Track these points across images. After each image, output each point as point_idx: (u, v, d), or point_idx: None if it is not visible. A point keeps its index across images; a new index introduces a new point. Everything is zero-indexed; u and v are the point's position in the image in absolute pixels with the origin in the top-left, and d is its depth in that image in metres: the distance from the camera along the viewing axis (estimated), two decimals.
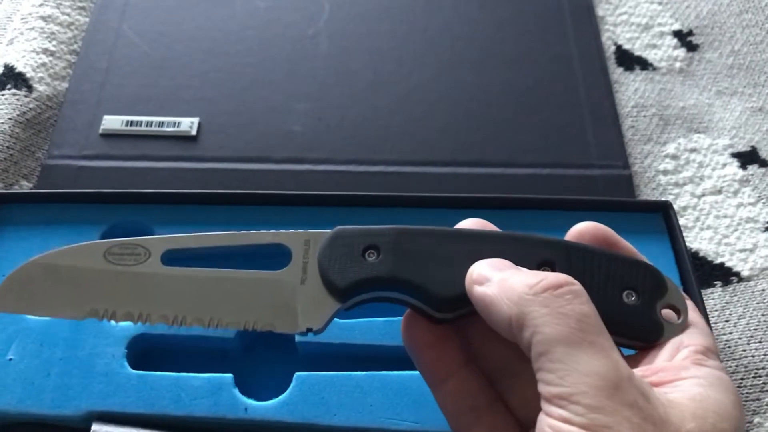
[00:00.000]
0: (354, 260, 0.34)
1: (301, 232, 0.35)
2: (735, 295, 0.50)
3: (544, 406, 0.28)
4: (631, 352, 0.34)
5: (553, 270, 0.33)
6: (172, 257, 0.39)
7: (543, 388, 0.28)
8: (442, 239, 0.34)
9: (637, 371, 0.30)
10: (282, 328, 0.34)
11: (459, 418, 0.35)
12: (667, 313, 0.33)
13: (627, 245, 0.35)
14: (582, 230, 0.35)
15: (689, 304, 0.34)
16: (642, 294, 0.33)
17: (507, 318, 0.30)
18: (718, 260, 0.51)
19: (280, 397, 0.40)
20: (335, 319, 0.35)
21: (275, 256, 0.35)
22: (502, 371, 0.35)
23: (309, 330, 0.34)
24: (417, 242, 0.34)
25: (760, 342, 0.47)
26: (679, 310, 0.33)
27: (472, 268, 0.33)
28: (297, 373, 0.40)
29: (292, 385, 0.40)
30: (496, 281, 0.31)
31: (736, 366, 0.46)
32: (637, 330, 0.33)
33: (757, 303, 0.49)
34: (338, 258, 0.34)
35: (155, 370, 0.41)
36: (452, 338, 0.35)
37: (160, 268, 0.35)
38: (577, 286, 0.30)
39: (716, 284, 0.50)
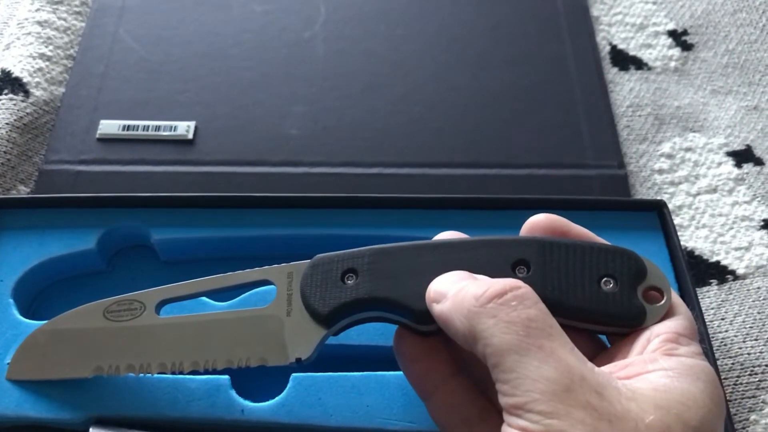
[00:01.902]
0: (334, 286, 0.35)
1: (284, 265, 0.37)
2: (731, 293, 0.50)
3: (505, 417, 0.28)
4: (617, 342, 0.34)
5: (529, 269, 0.33)
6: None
7: (501, 400, 0.29)
8: (416, 253, 0.35)
9: (607, 368, 0.30)
10: (273, 362, 0.35)
11: (451, 429, 0.35)
12: (651, 295, 0.33)
13: (581, 231, 0.35)
14: (534, 224, 0.36)
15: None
16: (620, 280, 0.33)
17: (462, 333, 0.30)
18: (714, 259, 0.51)
19: (277, 398, 0.40)
20: None
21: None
22: (489, 379, 0.35)
23: (298, 360, 0.35)
24: (392, 260, 0.35)
25: (755, 340, 0.47)
26: (662, 291, 0.33)
27: (430, 286, 0.33)
28: (293, 374, 0.40)
29: (288, 386, 0.40)
30: (451, 296, 0.31)
31: (732, 364, 0.47)
32: (619, 317, 0.33)
33: (753, 301, 0.49)
34: (318, 286, 0.35)
35: None
36: (439, 351, 0.35)
37: (155, 320, 0.37)
38: (523, 289, 0.30)
39: (712, 282, 0.50)
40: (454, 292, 0.31)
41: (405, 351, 0.36)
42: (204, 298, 0.42)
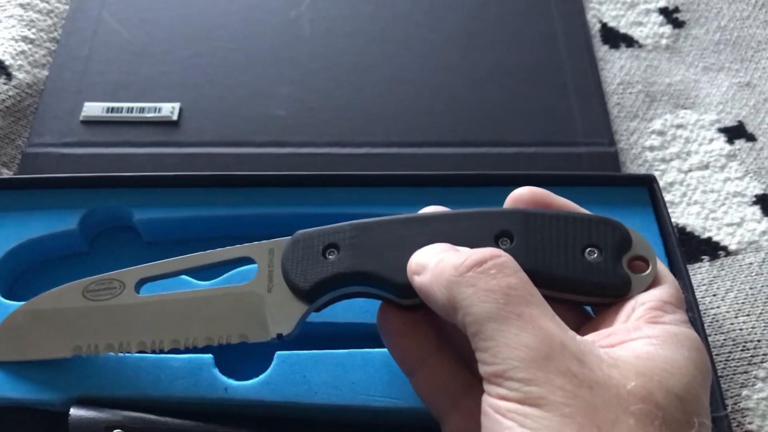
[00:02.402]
0: (315, 261, 0.34)
1: (264, 242, 0.36)
2: (723, 269, 0.49)
3: (485, 386, 0.28)
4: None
5: (512, 240, 0.33)
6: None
7: (481, 368, 0.28)
8: (397, 227, 0.34)
9: (590, 337, 0.30)
10: (254, 338, 0.35)
11: (436, 404, 0.34)
12: (636, 264, 0.33)
13: (564, 202, 0.35)
14: (517, 197, 0.35)
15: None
16: (605, 250, 0.33)
17: (442, 304, 0.30)
18: (706, 235, 0.51)
19: (261, 376, 0.39)
20: None
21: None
22: (473, 354, 0.34)
23: (279, 336, 0.35)
24: (374, 234, 0.34)
25: (747, 315, 0.47)
26: (647, 260, 0.33)
27: (411, 258, 0.33)
28: (278, 352, 0.40)
29: (272, 364, 0.39)
30: (431, 268, 0.31)
31: (724, 340, 0.46)
32: (603, 287, 0.32)
33: (745, 276, 0.48)
34: (300, 261, 0.35)
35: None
36: (423, 326, 0.35)
37: (134, 298, 0.37)
38: (503, 257, 0.30)
39: (704, 259, 0.50)
40: (434, 264, 0.31)
41: (389, 327, 0.35)
42: (186, 278, 0.42)
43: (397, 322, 0.35)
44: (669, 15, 0.63)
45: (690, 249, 0.50)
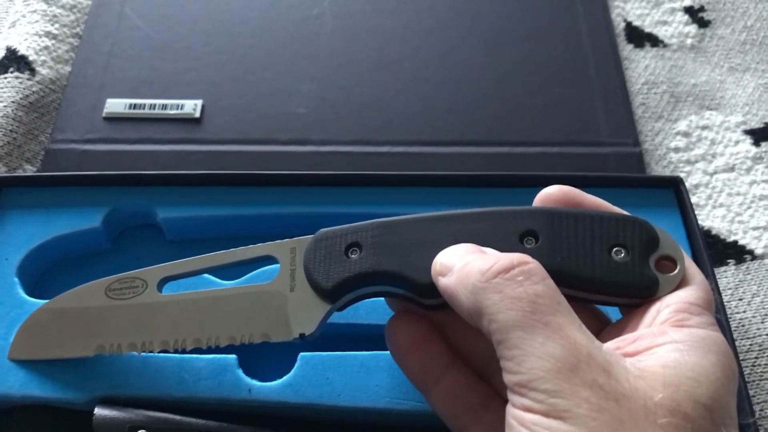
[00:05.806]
0: (337, 260, 0.34)
1: (287, 240, 0.36)
2: (749, 273, 0.49)
3: (509, 396, 0.28)
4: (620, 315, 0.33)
5: (537, 239, 0.33)
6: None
7: (506, 378, 0.28)
8: (421, 226, 0.34)
9: (613, 343, 0.29)
10: (277, 338, 0.35)
11: (455, 420, 0.34)
12: (663, 264, 0.32)
13: (595, 201, 0.34)
14: (546, 196, 0.35)
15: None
16: (632, 249, 0.32)
17: (467, 308, 0.30)
18: (731, 238, 0.50)
19: (285, 377, 0.39)
20: None
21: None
22: (490, 365, 0.34)
23: (302, 335, 0.34)
24: (397, 233, 0.34)
25: None
26: (675, 260, 0.32)
27: (436, 259, 0.32)
28: (301, 354, 0.40)
29: (296, 365, 0.39)
30: (456, 270, 0.31)
31: (750, 345, 0.46)
32: (630, 287, 0.32)
33: None
34: (322, 260, 0.34)
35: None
36: (435, 340, 0.34)
37: (157, 297, 0.37)
38: (531, 264, 0.29)
39: (729, 262, 0.49)
40: (459, 266, 0.30)
41: (400, 343, 0.35)
42: (209, 277, 0.42)
43: (405, 338, 0.35)
44: (694, 14, 0.63)
45: (715, 252, 0.49)
